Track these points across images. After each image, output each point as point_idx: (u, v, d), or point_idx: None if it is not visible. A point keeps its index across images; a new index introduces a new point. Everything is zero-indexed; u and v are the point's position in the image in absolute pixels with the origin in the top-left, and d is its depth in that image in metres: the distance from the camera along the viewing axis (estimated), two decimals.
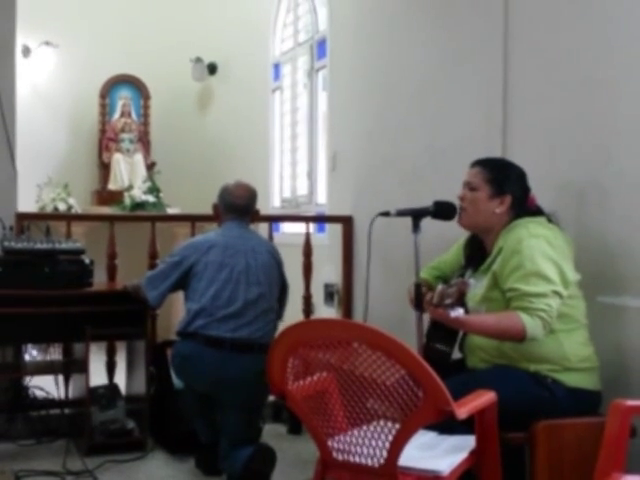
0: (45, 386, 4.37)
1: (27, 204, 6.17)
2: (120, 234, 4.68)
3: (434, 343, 2.95)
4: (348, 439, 2.37)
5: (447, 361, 2.95)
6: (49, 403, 4.33)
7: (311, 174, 6.16)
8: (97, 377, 4.24)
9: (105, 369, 4.56)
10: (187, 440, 3.88)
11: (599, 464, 2.17)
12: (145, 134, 7.91)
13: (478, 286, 2.80)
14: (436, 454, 2.44)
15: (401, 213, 2.99)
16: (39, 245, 3.92)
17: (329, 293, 5.34)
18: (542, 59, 3.37)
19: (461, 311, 2.54)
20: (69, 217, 5.61)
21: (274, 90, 7.06)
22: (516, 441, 2.66)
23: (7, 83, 4.39)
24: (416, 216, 2.94)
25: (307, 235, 4.93)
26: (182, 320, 3.61)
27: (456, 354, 3.00)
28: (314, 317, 4.87)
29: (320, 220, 5.77)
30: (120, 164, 7.69)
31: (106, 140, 7.76)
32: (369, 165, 4.97)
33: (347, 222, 5.12)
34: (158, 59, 7.66)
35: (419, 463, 2.35)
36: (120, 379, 4.48)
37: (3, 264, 3.84)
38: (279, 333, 2.48)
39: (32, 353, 4.55)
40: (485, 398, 2.43)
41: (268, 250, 3.73)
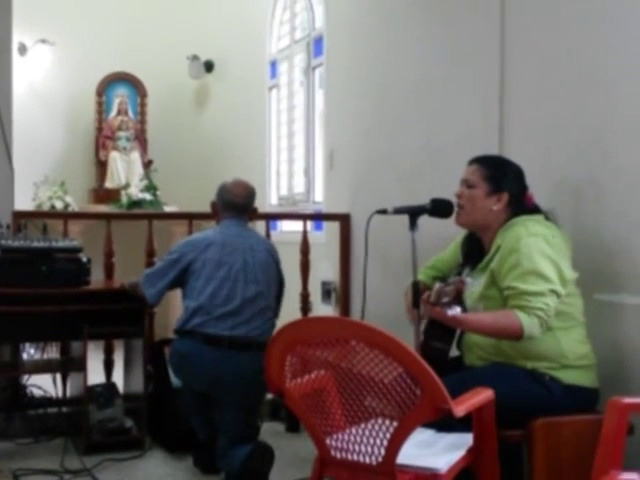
0: (43, 385, 4.37)
1: (24, 202, 6.15)
2: (117, 232, 4.67)
3: (432, 341, 2.95)
4: (346, 437, 2.37)
5: (445, 359, 2.96)
6: (47, 402, 4.33)
7: (308, 172, 6.16)
8: (95, 376, 4.24)
9: (103, 367, 4.56)
10: (185, 438, 3.87)
11: (597, 461, 2.17)
12: (142, 132, 7.90)
13: (476, 284, 2.80)
14: (434, 452, 2.44)
15: (398, 211, 2.99)
16: (36, 243, 3.92)
17: (326, 291, 5.34)
18: (539, 57, 3.37)
19: (458, 309, 2.54)
20: (66, 215, 5.59)
21: (271, 88, 7.05)
22: (514, 439, 2.66)
23: (3, 81, 4.39)
24: (413, 214, 2.93)
25: (304, 233, 4.92)
26: (180, 318, 3.60)
27: (454, 352, 3.01)
28: (312, 315, 4.87)
29: (317, 218, 5.77)
30: (117, 162, 7.68)
31: (103, 138, 7.74)
32: (366, 163, 4.97)
33: (344, 220, 5.12)
34: (155, 57, 7.64)
35: (417, 461, 2.35)
36: (118, 377, 4.48)
37: (0, 262, 3.84)
38: (277, 331, 2.48)
39: (30, 352, 4.54)
40: (483, 396, 2.43)
41: (266, 248, 3.73)
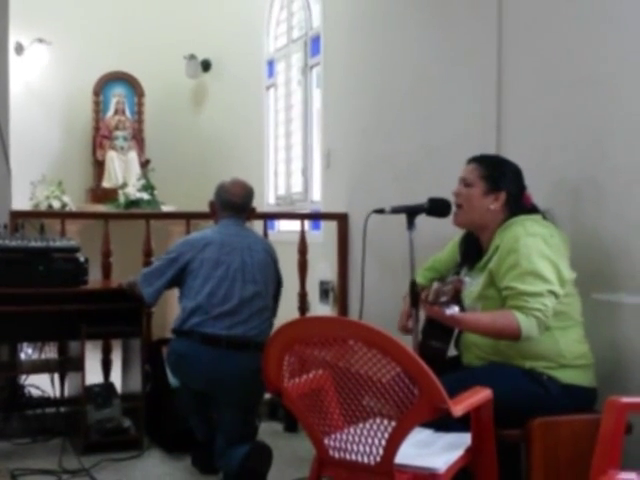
0: (41, 384, 4.37)
1: (21, 202, 6.16)
2: (115, 232, 4.67)
3: (430, 340, 2.95)
4: (344, 437, 2.37)
5: (443, 358, 2.96)
6: (45, 402, 4.33)
7: (306, 171, 6.16)
8: (93, 375, 4.24)
9: (101, 367, 4.56)
10: (183, 438, 3.87)
11: (595, 461, 2.17)
12: (139, 131, 7.89)
13: (474, 284, 2.80)
14: (432, 452, 2.44)
15: (396, 210, 2.99)
16: (33, 243, 3.91)
17: (324, 290, 5.34)
18: (536, 57, 3.37)
19: (456, 309, 2.54)
20: (63, 215, 5.58)
21: (268, 87, 7.05)
22: (512, 438, 2.66)
23: (0, 80, 4.38)
24: (411, 213, 2.93)
25: (302, 232, 4.92)
26: (178, 318, 3.60)
27: (452, 351, 3.01)
28: (309, 315, 4.87)
29: (315, 217, 5.77)
30: (114, 162, 7.67)
31: (100, 138, 7.73)
32: (364, 162, 4.97)
33: (342, 219, 5.12)
34: (152, 56, 7.63)
35: (415, 461, 2.35)
36: (116, 377, 4.48)
37: None
38: (275, 330, 2.48)
39: (27, 352, 4.54)
40: (481, 395, 2.43)
41: (264, 248, 3.73)
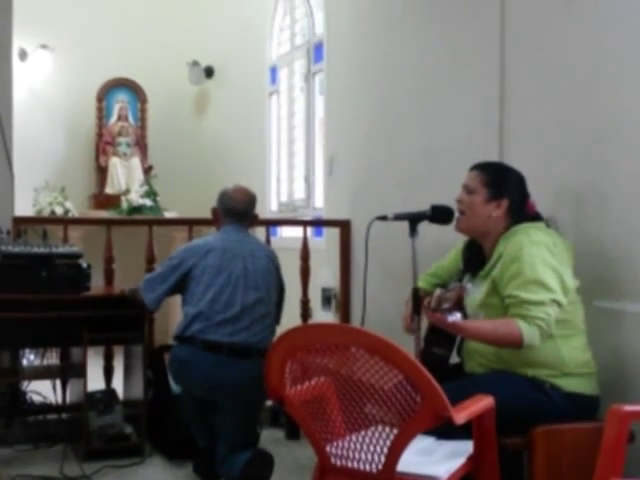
0: (42, 391, 4.37)
1: (24, 208, 6.15)
2: (117, 238, 4.67)
3: (432, 347, 2.95)
4: (346, 444, 2.37)
5: (445, 366, 2.95)
6: (46, 408, 4.32)
7: (308, 178, 6.16)
8: (94, 382, 4.23)
9: (103, 374, 4.55)
10: (185, 445, 3.87)
11: (598, 469, 2.16)
12: (142, 138, 7.89)
13: (477, 291, 2.80)
14: (434, 459, 2.43)
15: (398, 217, 2.99)
16: (36, 249, 3.91)
17: (326, 297, 5.33)
18: (539, 63, 3.37)
19: (459, 316, 2.53)
20: (66, 221, 5.59)
21: (271, 94, 7.05)
22: (514, 446, 2.65)
23: (4, 86, 4.39)
24: (413, 220, 2.94)
25: (304, 239, 4.92)
26: (180, 324, 3.60)
27: (454, 358, 3.00)
28: (311, 321, 4.86)
29: (317, 224, 5.76)
30: (117, 168, 7.67)
31: (103, 144, 7.73)
32: (366, 169, 4.97)
33: (344, 226, 5.11)
34: (155, 62, 7.64)
35: (417, 468, 2.34)
36: (118, 384, 4.47)
37: (0, 268, 3.83)
38: (277, 337, 2.47)
39: (29, 358, 4.54)
40: (483, 403, 2.42)
41: (267, 255, 3.72)
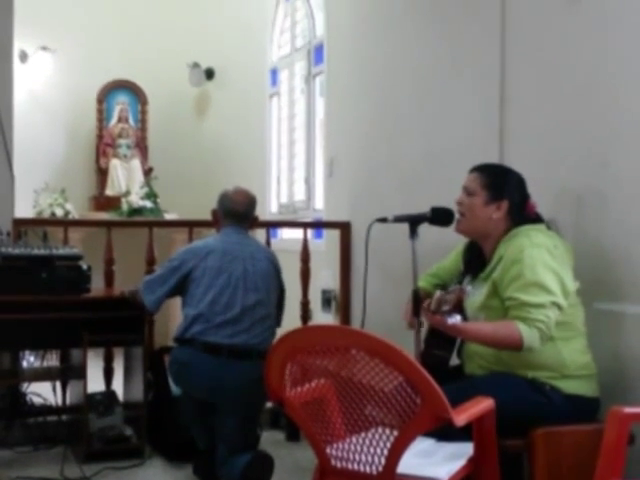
0: (42, 393, 4.37)
1: (24, 210, 6.16)
2: (117, 240, 4.67)
3: (432, 349, 2.95)
4: (346, 446, 2.37)
5: (445, 367, 2.95)
6: (46, 410, 4.32)
7: (309, 180, 6.16)
8: (95, 383, 4.23)
9: (103, 375, 4.55)
10: (185, 447, 3.87)
11: (598, 471, 2.16)
12: (142, 139, 7.90)
13: (477, 293, 2.80)
14: (434, 461, 2.43)
15: (398, 219, 2.99)
16: (36, 251, 3.91)
17: (327, 299, 5.33)
18: (539, 64, 3.37)
19: (458, 318, 2.53)
20: (66, 223, 5.58)
21: (271, 96, 7.06)
22: (514, 448, 2.65)
23: (4, 88, 4.39)
24: (413, 222, 2.93)
25: (305, 241, 4.92)
26: (179, 326, 3.60)
27: (454, 360, 3.00)
28: (312, 323, 4.86)
29: (318, 226, 5.77)
30: (117, 170, 7.68)
31: (103, 145, 7.74)
32: (367, 171, 4.97)
33: (345, 228, 5.11)
34: (155, 64, 7.65)
35: (417, 470, 2.34)
36: (118, 385, 4.47)
37: (0, 270, 3.83)
38: (277, 339, 2.48)
39: (29, 359, 4.53)
40: (483, 405, 2.42)
41: (267, 257, 3.72)
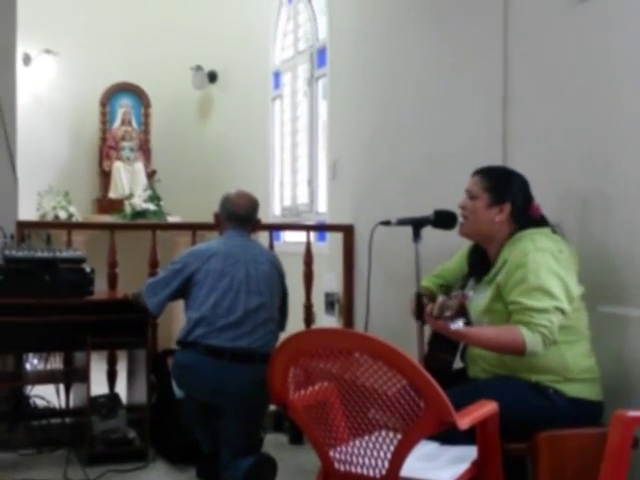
0: (46, 395, 4.36)
1: (28, 212, 6.16)
2: (121, 242, 4.68)
3: (436, 353, 2.94)
4: (350, 449, 2.37)
5: (449, 371, 2.95)
6: (50, 412, 4.32)
7: (312, 182, 6.16)
8: (98, 386, 4.23)
9: (106, 378, 4.56)
10: (188, 450, 3.87)
11: (602, 475, 2.16)
12: (145, 142, 7.91)
13: (481, 297, 2.79)
14: (438, 465, 2.43)
15: (402, 222, 2.99)
16: (40, 253, 3.92)
17: (330, 302, 5.33)
18: (542, 67, 3.37)
19: (461, 323, 2.53)
20: (70, 225, 5.60)
21: (274, 98, 7.06)
22: (518, 451, 2.64)
23: (8, 91, 4.40)
24: (417, 225, 2.93)
25: (308, 244, 4.92)
26: (182, 329, 3.60)
27: (458, 363, 3.00)
28: (315, 326, 4.86)
29: (321, 229, 5.76)
30: (120, 172, 7.69)
31: (107, 148, 7.76)
32: (370, 173, 4.97)
33: (348, 231, 5.11)
34: (158, 67, 7.66)
35: (421, 474, 2.34)
36: (121, 388, 4.48)
37: (4, 272, 3.84)
38: (280, 342, 2.48)
39: (33, 362, 4.54)
40: (487, 408, 2.42)
41: (269, 260, 3.72)
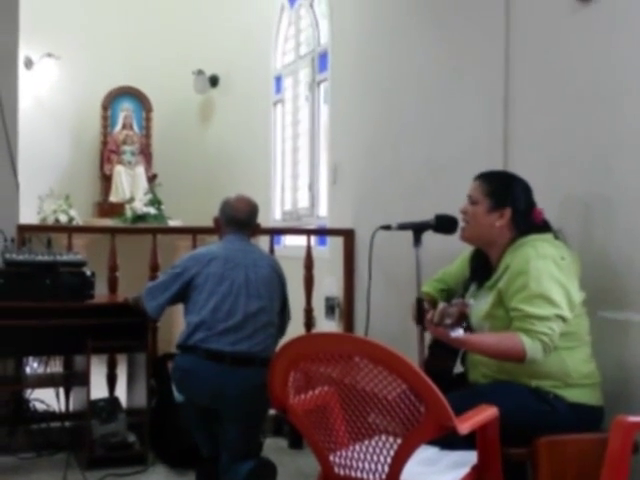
0: (46, 399, 4.36)
1: (29, 216, 6.17)
2: (121, 246, 4.68)
3: (436, 357, 2.94)
4: (349, 454, 2.36)
5: (449, 375, 2.95)
6: (50, 416, 4.32)
7: (312, 187, 6.16)
8: (98, 390, 4.23)
9: (106, 382, 4.55)
10: (188, 454, 3.86)
11: None
12: (147, 146, 7.91)
13: (482, 302, 2.79)
14: (438, 470, 2.43)
15: (402, 227, 2.99)
16: (40, 257, 3.92)
17: (330, 306, 5.33)
18: (543, 72, 3.37)
19: (461, 332, 2.52)
20: (70, 229, 5.60)
21: (276, 103, 7.07)
22: (518, 456, 2.64)
23: (10, 95, 4.40)
24: (417, 230, 2.94)
25: (308, 248, 4.92)
26: (182, 333, 3.59)
27: (458, 368, 3.00)
28: (315, 330, 4.86)
29: (321, 233, 5.77)
30: (121, 176, 7.69)
31: (108, 152, 7.76)
32: (370, 178, 4.97)
33: (348, 235, 5.11)
34: (160, 71, 7.67)
35: (421, 479, 2.34)
36: (121, 392, 4.47)
37: (4, 276, 3.84)
38: (281, 347, 2.47)
39: (33, 366, 4.54)
40: (487, 413, 2.41)
41: (269, 264, 3.72)
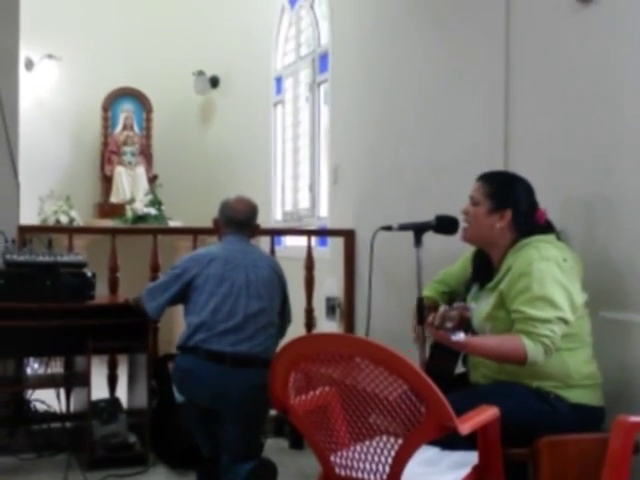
0: (46, 399, 4.37)
1: (29, 217, 6.17)
2: (122, 247, 4.68)
3: (437, 358, 2.94)
4: (350, 454, 2.36)
5: (450, 376, 2.95)
6: (50, 417, 4.32)
7: (313, 187, 6.16)
8: (98, 391, 4.23)
9: (107, 382, 4.56)
10: (188, 454, 3.86)
11: None
12: (147, 147, 7.92)
13: (484, 304, 2.79)
14: (439, 470, 2.43)
15: (403, 227, 2.99)
16: (41, 258, 3.92)
17: (331, 307, 5.33)
18: (543, 72, 3.37)
19: (462, 335, 2.52)
20: (71, 230, 5.58)
21: (276, 103, 7.07)
22: (519, 457, 2.64)
23: (10, 96, 4.40)
24: (418, 230, 2.94)
25: (309, 248, 4.92)
26: (182, 334, 3.60)
27: (459, 368, 3.00)
28: (316, 331, 4.86)
29: (322, 234, 5.77)
30: (122, 177, 7.70)
31: (108, 153, 7.76)
32: (371, 178, 4.97)
33: (349, 236, 5.11)
34: (160, 72, 7.67)
35: (422, 479, 2.34)
36: (122, 393, 4.47)
37: (5, 277, 3.84)
38: (281, 347, 2.47)
39: (33, 366, 4.54)
40: (488, 413, 2.41)
41: (269, 265, 3.72)
